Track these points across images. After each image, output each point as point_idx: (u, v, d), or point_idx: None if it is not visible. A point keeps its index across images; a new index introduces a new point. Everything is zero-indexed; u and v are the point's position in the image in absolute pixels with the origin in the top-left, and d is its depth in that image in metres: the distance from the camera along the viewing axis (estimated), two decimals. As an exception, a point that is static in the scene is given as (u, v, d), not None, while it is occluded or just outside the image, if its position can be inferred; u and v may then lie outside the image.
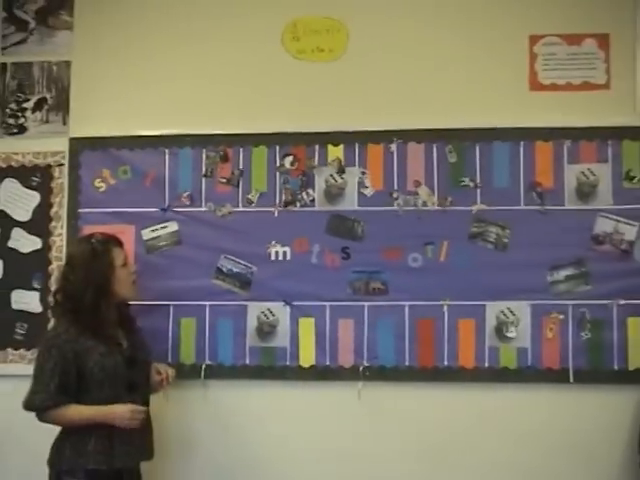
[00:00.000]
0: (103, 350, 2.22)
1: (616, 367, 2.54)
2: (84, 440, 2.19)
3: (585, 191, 2.60)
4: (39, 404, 2.19)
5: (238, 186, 2.69)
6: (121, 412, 2.21)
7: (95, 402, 2.22)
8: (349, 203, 2.66)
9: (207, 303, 2.66)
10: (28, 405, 2.22)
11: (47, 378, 2.18)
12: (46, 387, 2.18)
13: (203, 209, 2.70)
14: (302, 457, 2.62)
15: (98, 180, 2.72)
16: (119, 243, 2.38)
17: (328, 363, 2.62)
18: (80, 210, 2.72)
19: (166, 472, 2.61)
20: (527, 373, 2.57)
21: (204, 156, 2.71)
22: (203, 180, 2.70)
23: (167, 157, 2.71)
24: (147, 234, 2.69)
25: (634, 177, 2.58)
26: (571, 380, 2.54)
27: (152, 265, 2.65)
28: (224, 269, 2.67)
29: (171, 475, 2.63)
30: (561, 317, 2.57)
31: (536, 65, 2.65)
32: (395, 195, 2.64)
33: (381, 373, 2.60)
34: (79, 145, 2.74)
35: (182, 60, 2.76)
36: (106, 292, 2.25)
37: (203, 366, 2.63)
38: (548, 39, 2.65)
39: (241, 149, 2.70)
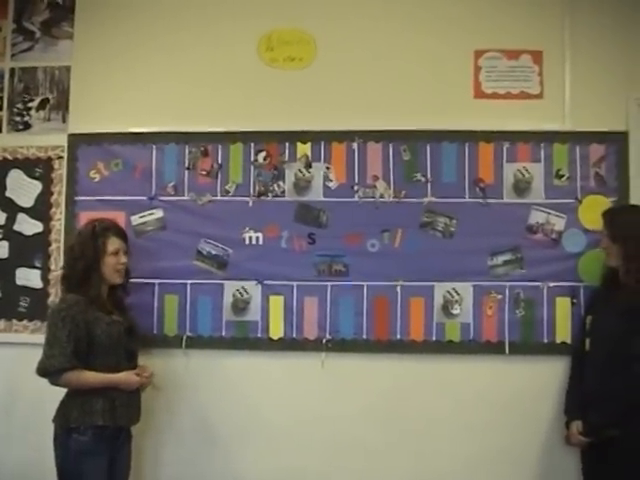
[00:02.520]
0: (109, 320, 2.41)
1: (545, 340, 2.72)
2: (91, 401, 2.34)
3: (521, 187, 2.77)
4: (58, 366, 2.29)
5: (217, 178, 2.82)
6: (126, 377, 2.40)
7: (99, 368, 2.37)
8: (315, 194, 2.80)
9: (188, 281, 2.80)
10: (44, 368, 2.31)
11: (63, 343, 2.29)
12: (63, 350, 2.29)
13: (185, 198, 2.83)
14: (272, 419, 2.77)
15: (93, 171, 2.85)
16: (120, 234, 2.52)
17: (295, 336, 2.77)
18: (77, 198, 2.85)
19: (151, 433, 2.75)
20: (469, 346, 2.74)
21: (187, 151, 2.83)
22: (186, 172, 2.84)
23: (154, 152, 2.84)
24: (136, 220, 2.82)
25: (563, 175, 2.76)
26: (507, 352, 2.72)
27: (140, 247, 2.76)
28: (204, 252, 2.80)
29: (156, 436, 2.77)
30: (499, 296, 2.74)
31: (480, 76, 2.82)
32: (356, 188, 2.79)
33: (342, 345, 2.76)
34: (77, 140, 2.87)
35: (169, 66, 2.88)
36: (95, 269, 2.43)
37: (184, 337, 2.78)
38: (490, 54, 2.83)
39: (220, 145, 2.83)
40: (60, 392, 2.40)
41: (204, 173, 2.85)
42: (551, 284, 2.75)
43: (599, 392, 2.44)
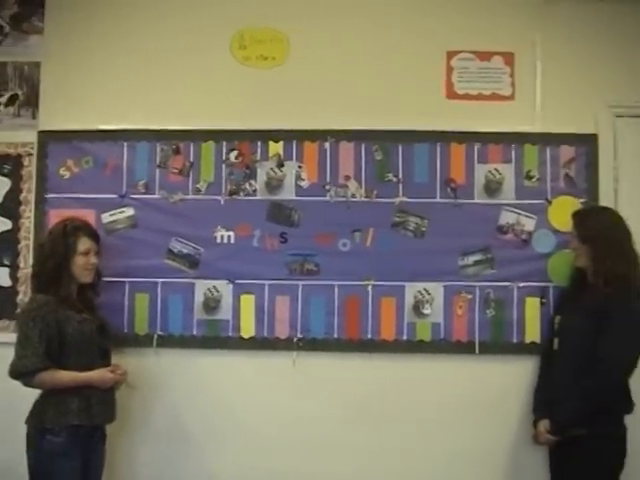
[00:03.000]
0: (80, 319, 2.40)
1: (515, 340, 2.75)
2: (66, 400, 2.33)
3: (492, 187, 2.79)
4: (31, 367, 2.27)
5: (188, 176, 2.82)
6: (100, 375, 2.40)
7: (73, 367, 2.35)
8: (287, 193, 2.80)
9: (159, 280, 2.79)
10: (17, 369, 2.28)
11: (35, 343, 2.28)
12: (35, 351, 2.27)
13: (157, 196, 2.81)
14: (244, 417, 2.78)
15: (63, 169, 2.82)
16: (91, 234, 2.52)
17: (266, 335, 2.77)
18: (47, 195, 2.82)
19: (125, 432, 2.74)
20: (440, 345, 2.76)
21: (158, 149, 2.82)
22: (157, 170, 2.82)
23: (125, 149, 2.82)
24: (106, 218, 2.80)
25: (533, 177, 2.79)
26: (477, 351, 2.74)
27: (110, 246, 2.73)
28: (175, 250, 2.79)
29: (129, 435, 2.76)
30: (469, 296, 2.76)
31: (452, 77, 2.84)
32: (328, 187, 2.80)
33: (313, 344, 2.76)
34: (47, 137, 2.84)
35: (141, 63, 2.86)
36: (65, 268, 2.42)
37: (155, 336, 2.77)
38: (463, 55, 2.84)
39: (192, 143, 2.82)
40: (31, 392, 2.38)
41: (175, 171, 2.84)
42: (521, 284, 2.78)
43: (567, 391, 2.46)
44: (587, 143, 2.81)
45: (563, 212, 2.74)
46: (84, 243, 2.47)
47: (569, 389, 2.45)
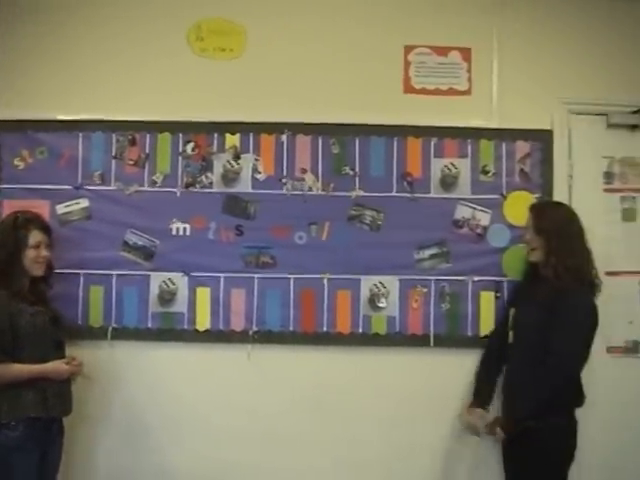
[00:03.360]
0: (32, 311, 2.39)
1: (470, 333, 2.78)
2: (21, 393, 2.31)
3: (448, 182, 2.81)
4: None
5: (144, 168, 2.80)
6: (55, 367, 2.38)
7: (27, 360, 2.34)
8: (243, 186, 2.80)
9: (114, 272, 2.78)
10: None
11: None
12: None
13: (112, 188, 2.79)
14: (199, 410, 2.77)
15: (17, 159, 2.79)
16: (43, 227, 2.49)
17: (221, 327, 2.77)
18: (0, 186, 2.79)
19: (81, 425, 2.71)
20: (395, 338, 2.77)
21: (114, 140, 2.80)
22: (113, 162, 2.80)
23: (80, 140, 2.79)
24: (61, 209, 2.78)
25: (489, 171, 2.81)
26: (432, 344, 2.76)
27: (64, 237, 2.72)
28: (130, 242, 2.78)
29: (85, 428, 2.74)
30: (425, 290, 2.78)
31: (410, 71, 2.85)
32: (284, 180, 2.80)
33: (268, 337, 2.77)
34: (0, 127, 2.78)
35: (97, 53, 2.84)
36: (16, 261, 2.41)
37: (110, 328, 2.76)
38: (420, 49, 2.85)
39: (148, 135, 2.80)
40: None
41: (131, 163, 2.82)
42: (476, 278, 2.80)
43: (524, 386, 2.47)
44: (542, 139, 2.84)
45: (518, 207, 2.77)
46: (35, 236, 2.46)
47: (525, 384, 2.46)
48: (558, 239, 2.49)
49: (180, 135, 2.82)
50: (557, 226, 2.53)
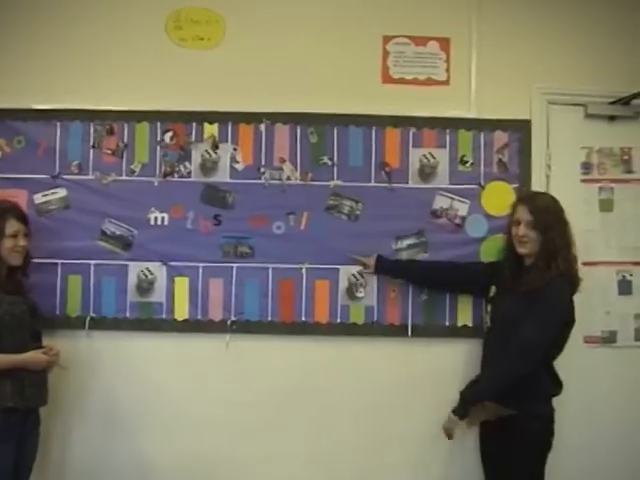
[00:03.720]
0: (11, 300, 2.39)
1: (447, 323, 2.78)
2: None
3: (426, 172, 2.81)
4: None
5: (122, 157, 2.79)
6: (33, 356, 2.39)
7: (5, 350, 2.33)
8: (222, 176, 2.79)
9: (92, 262, 2.77)
10: None
11: None
12: None
13: (90, 177, 2.78)
14: (177, 400, 2.77)
15: None
16: (20, 217, 2.49)
17: (200, 317, 2.77)
18: None
19: (58, 416, 2.73)
20: (373, 328, 2.77)
21: (92, 129, 2.79)
22: (91, 151, 2.79)
23: (58, 129, 2.78)
24: (38, 198, 2.77)
25: (467, 162, 2.81)
26: (409, 334, 2.76)
27: (42, 227, 2.72)
28: (108, 232, 2.78)
29: (62, 418, 2.75)
30: (403, 280, 2.78)
31: (388, 61, 2.84)
32: (262, 170, 2.79)
33: (247, 327, 2.77)
34: None
35: (74, 42, 2.82)
36: None
37: (88, 318, 2.76)
38: (398, 39, 2.85)
39: (126, 124, 2.79)
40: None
41: (109, 152, 2.81)
42: (454, 268, 2.78)
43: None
44: (520, 129, 2.83)
45: (496, 197, 2.78)
46: (12, 225, 2.45)
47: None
48: (555, 233, 2.45)
49: (158, 124, 2.81)
50: (554, 220, 2.46)
